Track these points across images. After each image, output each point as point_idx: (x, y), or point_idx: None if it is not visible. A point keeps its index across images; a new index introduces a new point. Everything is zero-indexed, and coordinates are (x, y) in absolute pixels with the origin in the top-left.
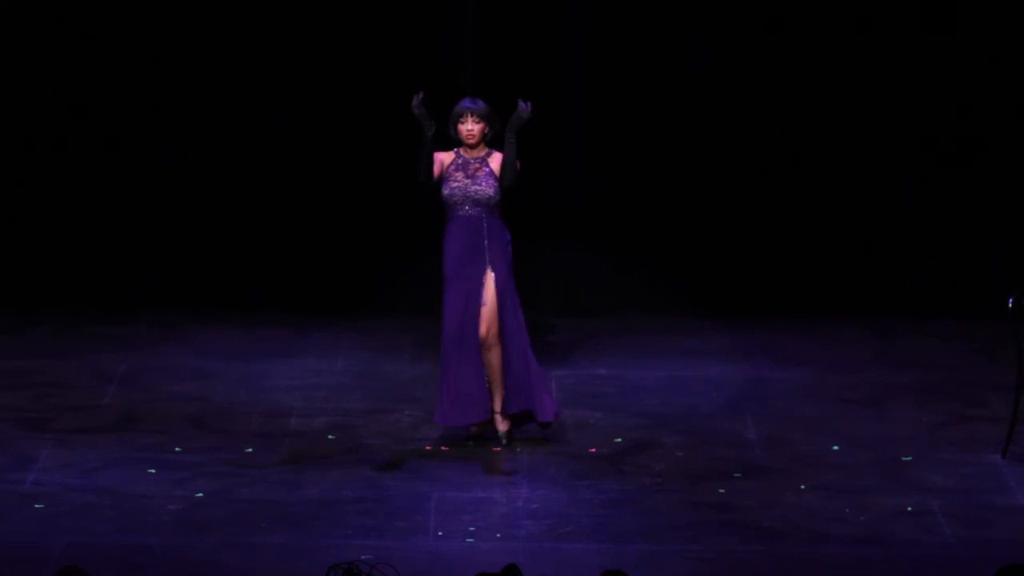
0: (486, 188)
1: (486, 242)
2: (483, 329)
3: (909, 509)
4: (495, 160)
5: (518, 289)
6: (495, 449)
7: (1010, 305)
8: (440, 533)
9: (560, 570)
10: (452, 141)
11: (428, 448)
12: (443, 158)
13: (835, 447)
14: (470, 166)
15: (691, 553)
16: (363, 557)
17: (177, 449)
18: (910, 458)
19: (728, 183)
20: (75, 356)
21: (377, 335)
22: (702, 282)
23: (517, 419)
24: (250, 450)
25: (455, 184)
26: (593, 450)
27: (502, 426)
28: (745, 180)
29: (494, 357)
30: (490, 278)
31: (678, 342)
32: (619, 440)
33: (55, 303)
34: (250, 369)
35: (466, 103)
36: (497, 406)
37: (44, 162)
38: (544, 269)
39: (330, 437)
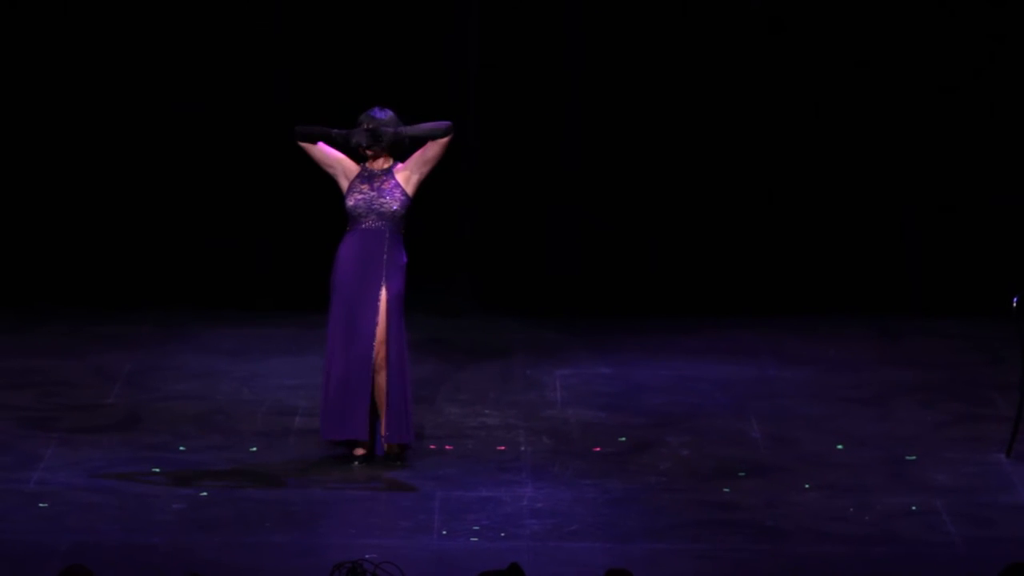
0: (391, 201)
1: (385, 257)
2: (374, 351)
3: (913, 508)
4: (401, 172)
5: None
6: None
7: (1015, 304)
8: (444, 532)
9: (564, 569)
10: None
11: (432, 447)
12: (349, 168)
13: (839, 446)
14: (375, 179)
15: (695, 552)
16: (367, 556)
17: (181, 448)
18: (914, 457)
19: (732, 182)
20: (80, 355)
21: None
22: (706, 281)
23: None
24: (255, 449)
25: (360, 196)
26: (598, 449)
27: (388, 450)
28: (749, 179)
29: (381, 380)
30: (383, 297)
31: (682, 341)
32: (623, 439)
33: (59, 302)
34: (255, 368)
35: (370, 112)
36: (383, 430)
37: (47, 161)
38: (546, 268)
39: None
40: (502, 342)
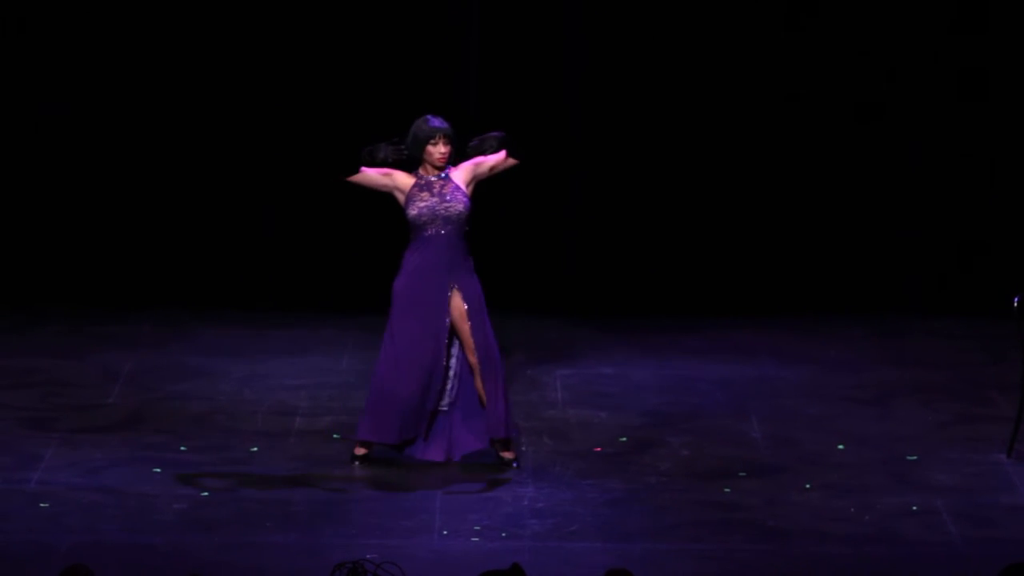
0: (455, 204)
1: (450, 264)
2: (478, 355)
3: (914, 508)
4: (458, 173)
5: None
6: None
7: (1015, 304)
8: (445, 532)
9: (565, 569)
10: (412, 162)
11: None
12: (401, 181)
13: (840, 446)
14: (434, 185)
15: (696, 552)
16: (368, 556)
17: (182, 448)
18: (915, 457)
19: (733, 181)
20: (80, 355)
21: (382, 334)
22: (707, 281)
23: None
24: (255, 449)
25: (423, 204)
26: (598, 449)
27: (506, 454)
28: (750, 178)
29: (478, 382)
30: (458, 299)
31: (683, 341)
32: (624, 439)
33: (60, 302)
34: (255, 368)
35: (436, 123)
36: (496, 432)
37: (48, 161)
38: (548, 268)
39: (335, 436)
40: (502, 342)
